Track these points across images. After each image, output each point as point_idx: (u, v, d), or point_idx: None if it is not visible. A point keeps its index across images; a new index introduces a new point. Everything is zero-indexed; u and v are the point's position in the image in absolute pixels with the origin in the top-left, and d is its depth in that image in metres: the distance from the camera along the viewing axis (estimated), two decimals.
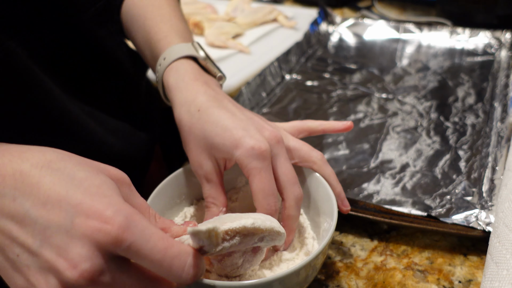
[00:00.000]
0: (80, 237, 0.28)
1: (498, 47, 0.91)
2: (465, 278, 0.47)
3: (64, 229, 0.29)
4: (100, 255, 0.28)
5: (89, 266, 0.28)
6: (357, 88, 0.81)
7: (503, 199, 0.48)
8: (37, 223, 0.29)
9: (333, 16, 1.04)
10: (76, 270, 0.28)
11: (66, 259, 0.28)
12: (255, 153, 0.41)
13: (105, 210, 0.29)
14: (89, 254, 0.28)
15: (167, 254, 0.29)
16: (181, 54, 0.50)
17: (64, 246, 0.28)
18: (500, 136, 0.63)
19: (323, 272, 0.48)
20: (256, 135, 0.42)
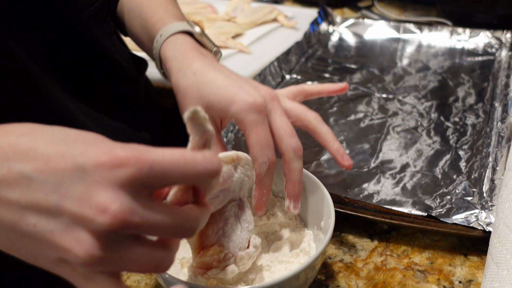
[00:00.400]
0: (98, 181, 0.26)
1: (498, 47, 0.91)
2: (465, 278, 0.47)
3: (78, 178, 0.26)
4: (125, 193, 0.26)
5: (119, 206, 0.26)
6: (357, 88, 0.80)
7: (504, 199, 0.47)
8: (46, 182, 0.26)
9: (333, 16, 1.04)
10: (107, 214, 0.26)
11: (91, 206, 0.26)
12: (251, 107, 0.42)
13: (112, 150, 0.27)
14: (114, 195, 0.26)
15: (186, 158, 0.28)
16: (177, 29, 0.52)
17: (85, 194, 0.26)
18: (500, 136, 0.62)
19: (323, 272, 0.48)
20: (251, 91, 0.43)
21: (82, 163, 0.27)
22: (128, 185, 0.26)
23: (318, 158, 0.63)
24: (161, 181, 0.28)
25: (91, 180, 0.26)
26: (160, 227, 0.28)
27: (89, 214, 0.26)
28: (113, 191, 0.26)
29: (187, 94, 0.46)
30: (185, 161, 0.28)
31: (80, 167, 0.27)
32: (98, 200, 0.26)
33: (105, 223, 0.26)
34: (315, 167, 0.62)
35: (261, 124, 0.42)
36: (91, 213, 0.26)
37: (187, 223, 0.29)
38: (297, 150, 0.44)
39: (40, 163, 0.27)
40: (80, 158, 0.27)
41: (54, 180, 0.26)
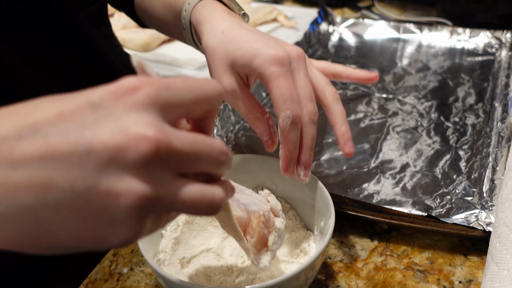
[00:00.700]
0: (122, 110, 0.23)
1: (498, 47, 0.91)
2: (465, 278, 0.47)
3: (100, 115, 0.23)
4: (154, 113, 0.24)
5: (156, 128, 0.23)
6: (357, 88, 0.80)
7: (504, 199, 0.47)
8: (65, 130, 0.23)
9: (333, 16, 1.04)
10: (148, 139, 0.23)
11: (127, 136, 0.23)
12: (273, 60, 0.41)
13: (120, 82, 0.25)
14: (145, 118, 0.23)
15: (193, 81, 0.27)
16: None
17: (114, 127, 0.23)
18: (500, 136, 0.62)
19: (323, 272, 0.48)
20: (275, 46, 0.42)
21: (97, 100, 0.24)
22: (153, 105, 0.24)
23: (318, 158, 0.63)
24: (178, 103, 0.26)
25: (114, 112, 0.23)
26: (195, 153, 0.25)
27: (127, 145, 0.22)
28: (141, 114, 0.23)
29: (215, 53, 0.45)
30: (193, 82, 0.27)
31: (97, 103, 0.24)
32: (130, 128, 0.23)
33: (150, 150, 0.23)
34: (315, 167, 0.62)
35: (284, 76, 0.41)
36: (129, 143, 0.22)
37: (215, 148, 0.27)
38: (312, 115, 0.43)
39: (51, 114, 0.23)
40: (93, 96, 0.24)
41: (74, 125, 0.23)
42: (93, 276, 0.49)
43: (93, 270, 0.50)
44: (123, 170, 0.23)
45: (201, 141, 0.26)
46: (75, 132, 0.23)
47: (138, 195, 0.23)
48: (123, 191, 0.23)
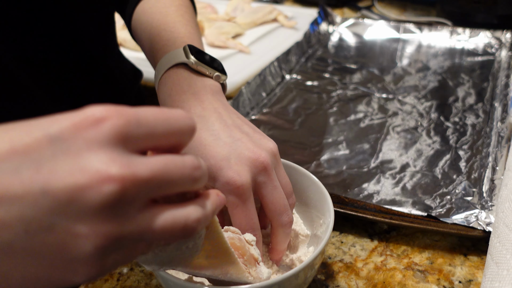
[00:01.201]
0: (83, 145, 0.21)
1: (498, 47, 0.91)
2: (465, 278, 0.47)
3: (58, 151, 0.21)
4: (120, 150, 0.22)
5: (120, 166, 0.21)
6: (357, 88, 0.80)
7: (504, 199, 0.48)
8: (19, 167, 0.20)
9: (333, 16, 1.04)
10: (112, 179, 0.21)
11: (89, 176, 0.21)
12: (230, 188, 0.39)
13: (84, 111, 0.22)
14: (109, 155, 0.21)
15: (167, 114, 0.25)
16: (170, 64, 0.48)
17: (76, 166, 0.21)
18: (500, 136, 0.62)
19: (323, 272, 0.48)
20: (235, 166, 0.40)
21: (56, 132, 0.21)
22: (119, 140, 0.22)
23: (318, 158, 0.63)
24: (147, 137, 0.24)
25: (74, 147, 0.21)
26: (169, 173, 0.24)
27: (88, 185, 0.21)
28: (105, 151, 0.21)
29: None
30: (167, 116, 0.25)
31: (55, 137, 0.21)
32: (93, 166, 0.21)
33: (114, 191, 0.21)
34: (315, 167, 0.62)
35: (241, 206, 0.40)
36: (91, 183, 0.21)
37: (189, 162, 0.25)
38: (286, 227, 0.42)
39: (3, 149, 0.21)
40: (51, 128, 0.22)
41: (29, 161, 0.21)
42: None
43: None
44: (83, 211, 0.21)
45: (171, 163, 0.24)
46: (29, 169, 0.20)
47: (100, 236, 0.21)
48: (83, 232, 0.21)
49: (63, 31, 0.54)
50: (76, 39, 0.57)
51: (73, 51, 0.57)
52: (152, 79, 0.84)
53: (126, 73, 0.69)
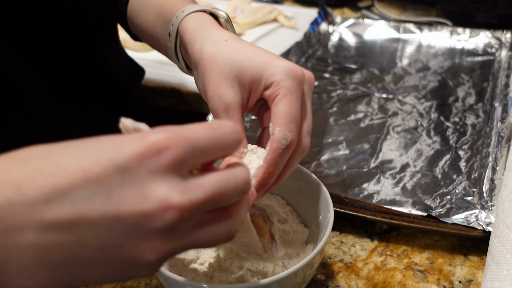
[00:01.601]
0: (147, 175, 0.24)
1: (498, 47, 0.91)
2: (465, 278, 0.47)
3: (126, 180, 0.24)
4: (177, 176, 0.25)
5: (179, 195, 0.24)
6: (357, 88, 0.80)
7: (504, 199, 0.48)
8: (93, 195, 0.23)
9: (333, 16, 1.04)
10: (173, 208, 0.24)
11: (153, 204, 0.24)
12: (290, 72, 0.38)
13: (145, 138, 0.25)
14: (169, 184, 0.24)
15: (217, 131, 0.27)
16: (200, 8, 0.46)
17: (140, 194, 0.24)
18: (500, 136, 0.63)
19: (323, 272, 0.48)
20: (289, 61, 0.39)
21: (122, 163, 0.24)
22: (176, 168, 0.25)
23: (318, 158, 0.63)
24: (201, 158, 0.26)
25: (139, 176, 0.24)
26: (222, 190, 0.26)
27: (153, 213, 0.24)
28: (166, 180, 0.24)
29: (214, 61, 0.40)
30: (218, 134, 0.27)
31: (122, 167, 0.24)
32: (156, 196, 0.24)
33: (174, 218, 0.24)
34: (315, 167, 0.62)
35: (296, 95, 0.37)
36: (155, 211, 0.24)
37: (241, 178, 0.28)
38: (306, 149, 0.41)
39: (77, 178, 0.23)
40: (118, 158, 0.24)
41: (100, 190, 0.23)
42: None
43: None
44: (148, 233, 0.24)
45: (225, 181, 0.27)
46: (101, 197, 0.23)
47: (160, 251, 0.25)
48: (147, 249, 0.25)
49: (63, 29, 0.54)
50: (77, 36, 0.57)
51: (74, 48, 0.57)
52: (152, 79, 0.84)
53: (128, 71, 0.69)
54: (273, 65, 0.38)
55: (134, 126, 0.29)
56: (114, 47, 0.66)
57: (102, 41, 0.61)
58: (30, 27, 0.51)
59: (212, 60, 0.40)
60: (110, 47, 0.64)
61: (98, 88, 0.62)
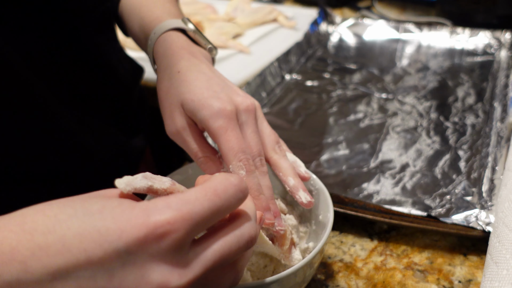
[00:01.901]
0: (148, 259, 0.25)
1: (498, 47, 0.91)
2: (465, 278, 0.47)
3: (127, 263, 0.25)
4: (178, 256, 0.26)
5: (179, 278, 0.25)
6: (357, 88, 0.81)
7: (503, 199, 0.48)
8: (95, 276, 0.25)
9: (333, 16, 1.04)
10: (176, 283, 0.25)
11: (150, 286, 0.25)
12: (218, 113, 0.41)
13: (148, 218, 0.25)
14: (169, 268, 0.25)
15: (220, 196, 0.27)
16: (170, 27, 0.51)
17: (140, 277, 0.25)
18: (500, 136, 0.63)
19: (323, 272, 0.48)
20: (224, 98, 0.42)
21: (123, 248, 0.25)
22: (178, 249, 0.25)
23: (318, 158, 0.64)
24: (204, 228, 0.27)
25: (140, 259, 0.25)
26: (225, 256, 0.28)
27: None
28: (166, 261, 0.25)
29: (168, 93, 0.45)
30: (222, 200, 0.27)
31: (124, 251, 0.25)
32: (155, 279, 0.25)
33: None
34: (315, 167, 0.62)
35: (231, 130, 0.40)
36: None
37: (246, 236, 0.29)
38: (278, 149, 0.44)
39: (80, 259, 0.24)
40: (120, 243, 0.25)
41: (102, 271, 0.25)
42: None
43: None
44: None
45: (228, 247, 0.28)
46: (103, 277, 0.25)
47: None
48: None
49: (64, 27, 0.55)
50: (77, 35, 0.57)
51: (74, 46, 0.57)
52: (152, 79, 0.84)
53: (128, 69, 0.69)
54: (206, 106, 0.41)
55: (129, 189, 0.29)
56: (114, 45, 0.66)
57: (101, 40, 0.61)
58: (32, 25, 0.51)
59: (166, 92, 0.45)
60: (110, 45, 0.64)
61: (99, 86, 0.62)
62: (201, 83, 0.43)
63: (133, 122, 0.71)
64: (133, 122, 0.71)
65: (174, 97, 0.44)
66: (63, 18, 0.54)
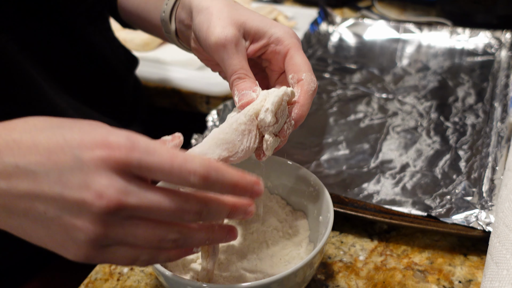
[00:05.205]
0: (95, 170, 0.29)
1: (498, 47, 0.91)
2: (465, 278, 0.47)
3: (77, 168, 0.29)
4: (119, 178, 0.29)
5: (114, 191, 0.29)
6: (357, 88, 0.81)
7: (503, 199, 0.48)
8: (49, 174, 0.29)
9: (333, 16, 1.04)
10: (103, 198, 0.28)
11: (90, 192, 0.29)
12: (293, 34, 0.44)
13: (106, 138, 0.29)
14: (108, 181, 0.29)
15: (174, 162, 0.30)
16: None
17: (84, 182, 0.29)
18: (500, 136, 0.63)
19: (323, 272, 0.48)
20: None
21: (78, 154, 0.29)
22: (120, 170, 0.29)
23: (318, 158, 0.63)
24: (147, 174, 0.30)
25: (87, 168, 0.29)
26: (158, 208, 0.30)
27: (88, 200, 0.29)
28: (107, 177, 0.29)
29: (223, 9, 0.44)
30: (172, 166, 0.29)
31: (78, 158, 0.29)
32: (95, 187, 0.29)
33: (102, 207, 0.29)
34: (315, 167, 0.62)
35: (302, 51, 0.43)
36: (90, 198, 0.29)
37: (188, 206, 0.31)
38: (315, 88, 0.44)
39: (43, 157, 0.30)
40: (77, 150, 0.29)
41: (56, 172, 0.29)
42: (93, 276, 0.49)
43: (93, 270, 0.50)
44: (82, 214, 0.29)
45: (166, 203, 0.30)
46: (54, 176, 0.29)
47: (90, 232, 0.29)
48: (79, 226, 0.29)
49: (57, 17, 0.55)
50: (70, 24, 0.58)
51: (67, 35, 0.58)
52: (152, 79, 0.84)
53: (122, 59, 0.70)
54: (277, 26, 0.44)
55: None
56: (106, 35, 0.67)
57: (93, 30, 0.62)
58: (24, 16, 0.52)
59: (221, 8, 0.44)
60: (102, 36, 0.65)
61: (92, 76, 0.63)
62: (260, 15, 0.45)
63: (129, 111, 0.71)
64: (128, 111, 0.71)
65: (233, 15, 0.43)
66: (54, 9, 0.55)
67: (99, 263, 0.31)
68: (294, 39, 0.43)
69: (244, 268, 0.44)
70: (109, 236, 0.30)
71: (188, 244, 0.32)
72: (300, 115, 0.41)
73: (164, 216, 0.31)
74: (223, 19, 0.43)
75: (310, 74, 0.42)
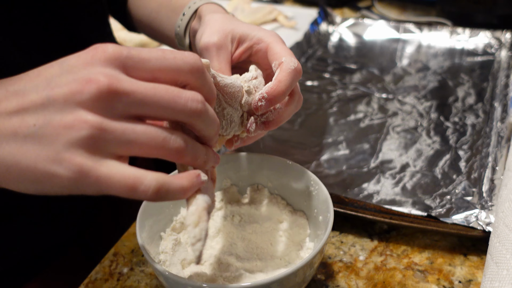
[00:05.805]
0: (83, 66, 0.29)
1: (498, 47, 0.91)
2: (465, 278, 0.47)
3: (65, 71, 0.29)
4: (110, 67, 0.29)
5: (103, 76, 0.28)
6: (357, 88, 0.81)
7: (503, 199, 0.48)
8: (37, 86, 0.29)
9: (333, 16, 1.04)
10: (92, 82, 0.27)
11: (78, 82, 0.28)
12: (275, 33, 0.47)
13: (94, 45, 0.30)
14: (99, 69, 0.28)
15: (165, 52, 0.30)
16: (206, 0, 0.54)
17: (72, 79, 0.28)
18: (500, 136, 0.63)
19: (323, 272, 0.48)
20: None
21: (68, 64, 0.29)
22: (110, 62, 0.29)
23: (318, 158, 0.63)
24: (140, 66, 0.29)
25: (76, 69, 0.29)
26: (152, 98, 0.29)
27: (76, 89, 0.28)
28: (98, 67, 0.28)
29: (218, 20, 0.49)
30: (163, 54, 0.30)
31: (67, 66, 0.29)
32: (84, 76, 0.28)
33: (92, 91, 0.27)
34: (315, 167, 0.62)
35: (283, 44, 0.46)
36: (78, 87, 0.28)
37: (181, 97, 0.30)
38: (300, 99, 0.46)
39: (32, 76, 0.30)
40: (66, 62, 0.30)
41: (44, 81, 0.29)
42: (93, 276, 0.49)
43: (93, 270, 0.50)
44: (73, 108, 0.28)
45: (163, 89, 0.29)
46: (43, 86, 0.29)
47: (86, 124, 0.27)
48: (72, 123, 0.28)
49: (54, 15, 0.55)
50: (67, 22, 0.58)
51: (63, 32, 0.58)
52: None
53: None
54: (260, 29, 0.47)
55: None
56: (105, 34, 0.67)
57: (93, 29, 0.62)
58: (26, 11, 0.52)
59: (216, 20, 0.49)
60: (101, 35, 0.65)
61: None
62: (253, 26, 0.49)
63: None
64: None
65: (225, 25, 0.48)
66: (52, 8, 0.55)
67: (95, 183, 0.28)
68: (274, 37, 0.46)
69: (244, 268, 0.44)
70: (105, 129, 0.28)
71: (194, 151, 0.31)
72: (274, 90, 0.41)
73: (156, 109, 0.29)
74: (213, 28, 0.47)
75: (290, 57, 0.43)
